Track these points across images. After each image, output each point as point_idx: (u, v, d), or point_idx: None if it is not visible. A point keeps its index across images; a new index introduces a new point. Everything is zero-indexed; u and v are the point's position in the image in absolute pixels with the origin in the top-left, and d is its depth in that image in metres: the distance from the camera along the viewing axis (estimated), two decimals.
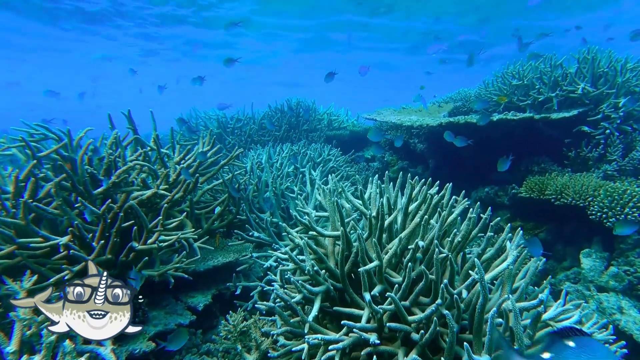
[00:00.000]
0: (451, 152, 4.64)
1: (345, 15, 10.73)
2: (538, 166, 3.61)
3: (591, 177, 3.06)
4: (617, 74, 3.46)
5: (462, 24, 10.68)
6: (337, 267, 1.77)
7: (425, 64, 14.46)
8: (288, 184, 3.06)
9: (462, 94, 5.22)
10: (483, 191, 3.86)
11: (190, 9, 10.10)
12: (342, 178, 3.62)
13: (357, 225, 1.97)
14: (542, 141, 3.95)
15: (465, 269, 1.59)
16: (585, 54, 3.75)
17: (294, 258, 1.63)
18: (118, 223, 1.70)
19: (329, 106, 6.29)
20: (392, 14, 10.38)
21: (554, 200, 3.00)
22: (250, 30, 12.15)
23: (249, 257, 2.57)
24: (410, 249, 1.57)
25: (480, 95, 4.67)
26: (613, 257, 2.73)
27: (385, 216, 1.69)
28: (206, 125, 5.42)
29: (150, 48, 14.05)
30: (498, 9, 9.80)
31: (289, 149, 3.94)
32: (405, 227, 1.82)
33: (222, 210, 2.75)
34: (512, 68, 4.33)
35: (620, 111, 3.31)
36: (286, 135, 5.31)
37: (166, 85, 5.10)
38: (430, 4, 9.39)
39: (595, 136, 3.44)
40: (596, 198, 2.75)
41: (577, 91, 3.60)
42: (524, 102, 4.03)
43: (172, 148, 2.56)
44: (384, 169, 5.39)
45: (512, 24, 10.29)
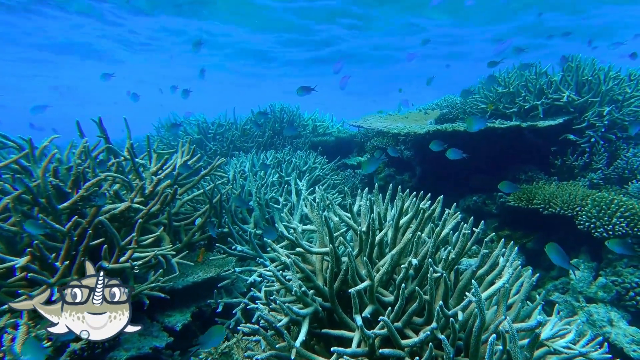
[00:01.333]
0: (438, 160, 4.64)
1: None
2: (525, 174, 3.62)
3: (578, 186, 3.07)
4: (601, 82, 3.50)
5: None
6: (325, 285, 1.69)
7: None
8: (273, 194, 2.96)
9: (448, 100, 5.24)
10: (471, 199, 3.85)
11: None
12: (329, 187, 3.54)
13: (346, 238, 1.90)
14: (528, 149, 3.97)
15: (460, 287, 1.53)
16: (570, 62, 3.80)
17: (281, 278, 1.54)
18: (86, 241, 1.57)
19: (313, 112, 6.22)
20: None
21: (542, 209, 3.00)
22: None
23: (231, 271, 2.46)
24: (403, 267, 1.49)
25: (466, 103, 4.69)
26: (601, 267, 2.74)
27: (376, 231, 1.62)
28: (186, 130, 5.27)
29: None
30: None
31: (273, 156, 3.84)
32: (396, 241, 1.75)
33: (203, 222, 2.64)
34: (498, 75, 4.36)
35: (604, 119, 3.35)
36: (270, 141, 5.21)
37: (190, 88, 4.93)
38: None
39: (580, 144, 3.47)
40: (584, 208, 2.75)
41: (562, 99, 3.63)
42: (510, 109, 4.05)
43: (148, 157, 2.43)
44: (370, 176, 5.36)
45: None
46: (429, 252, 1.51)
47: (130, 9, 9.31)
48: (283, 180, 3.48)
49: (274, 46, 12.96)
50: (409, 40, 11.74)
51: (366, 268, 1.49)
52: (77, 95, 24.13)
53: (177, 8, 9.30)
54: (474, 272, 1.54)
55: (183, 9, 9.36)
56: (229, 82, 19.43)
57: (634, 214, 2.55)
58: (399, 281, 1.47)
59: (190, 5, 9.08)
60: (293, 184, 2.85)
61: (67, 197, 1.73)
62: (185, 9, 9.43)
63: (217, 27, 10.85)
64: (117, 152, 2.13)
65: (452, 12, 9.64)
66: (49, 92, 19.33)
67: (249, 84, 20.07)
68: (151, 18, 10.14)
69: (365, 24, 10.52)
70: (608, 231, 2.56)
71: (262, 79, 18.71)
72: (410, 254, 1.79)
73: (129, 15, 9.85)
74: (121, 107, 15.65)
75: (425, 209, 1.70)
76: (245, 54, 13.86)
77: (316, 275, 1.75)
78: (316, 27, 10.84)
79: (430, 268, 1.39)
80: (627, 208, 2.57)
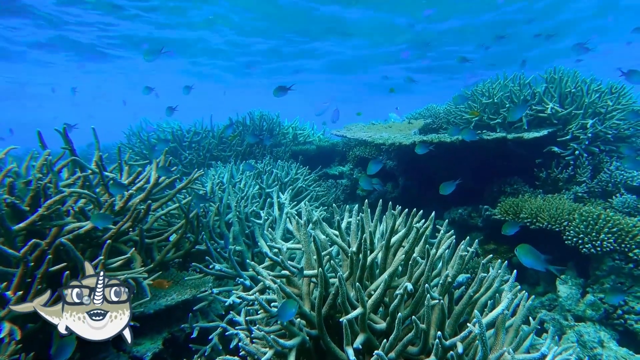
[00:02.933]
0: (422, 170, 4.64)
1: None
2: (511, 187, 3.64)
3: (564, 200, 3.10)
4: (584, 94, 3.58)
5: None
6: (312, 310, 1.60)
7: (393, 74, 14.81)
8: (254, 208, 2.85)
9: (432, 110, 5.27)
10: (456, 212, 3.84)
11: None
12: (311, 199, 3.46)
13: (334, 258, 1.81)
14: (512, 160, 4.01)
15: (456, 312, 1.47)
16: (553, 73, 3.87)
17: (265, 306, 1.44)
18: (44, 266, 1.42)
19: (294, 119, 6.15)
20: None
21: (529, 224, 3.00)
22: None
23: (208, 292, 2.33)
24: (397, 292, 1.42)
25: (450, 113, 4.72)
26: (588, 284, 2.75)
27: (367, 253, 1.54)
28: (159, 138, 5.08)
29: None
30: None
31: (253, 166, 3.73)
32: (386, 261, 1.68)
33: (179, 238, 2.50)
34: (482, 86, 4.41)
35: (588, 132, 3.41)
36: (249, 150, 5.08)
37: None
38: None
39: (565, 157, 3.52)
40: (571, 223, 2.77)
41: (546, 111, 3.69)
42: (494, 120, 4.09)
43: (119, 169, 2.29)
44: (353, 187, 5.31)
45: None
46: (424, 276, 1.44)
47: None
48: (264, 192, 3.37)
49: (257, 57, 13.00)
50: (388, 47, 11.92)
51: (358, 294, 1.41)
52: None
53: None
54: (471, 296, 1.48)
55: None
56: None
57: (620, 230, 2.58)
58: (393, 309, 1.40)
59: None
60: (275, 198, 2.75)
61: (24, 217, 1.58)
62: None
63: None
64: (83, 165, 1.98)
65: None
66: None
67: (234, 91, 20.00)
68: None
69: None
70: (596, 247, 2.57)
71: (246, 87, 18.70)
72: (401, 274, 1.72)
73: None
74: (130, 107, 15.10)
75: (419, 228, 1.64)
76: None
77: (302, 299, 1.66)
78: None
79: (427, 294, 1.32)
80: (615, 223, 2.59)
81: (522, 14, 9.28)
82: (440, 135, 3.54)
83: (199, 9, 8.92)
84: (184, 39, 11.06)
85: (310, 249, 1.74)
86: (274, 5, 8.53)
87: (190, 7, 8.75)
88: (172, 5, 8.56)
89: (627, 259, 2.56)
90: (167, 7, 8.67)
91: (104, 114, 31.83)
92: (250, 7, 8.76)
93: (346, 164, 5.82)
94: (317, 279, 1.50)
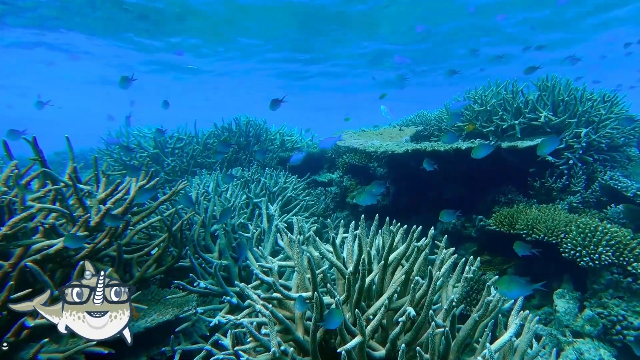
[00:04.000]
0: (413, 179, 4.58)
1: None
2: (505, 197, 3.61)
3: (560, 211, 3.08)
4: (577, 102, 3.57)
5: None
6: (306, 335, 1.50)
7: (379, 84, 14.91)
8: (241, 220, 2.73)
9: (423, 117, 5.24)
10: (449, 223, 3.78)
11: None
12: (301, 209, 3.35)
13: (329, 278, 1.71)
14: (505, 169, 3.98)
15: (460, 339, 1.39)
16: (545, 81, 3.87)
17: (257, 335, 1.34)
18: (5, 293, 1.29)
19: (282, 125, 6.05)
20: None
21: (525, 235, 2.96)
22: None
23: (191, 312, 2.20)
24: (398, 319, 1.33)
25: (442, 120, 4.69)
26: (585, 298, 2.71)
27: (366, 274, 1.45)
28: (140, 144, 4.91)
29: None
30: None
31: (239, 174, 3.61)
32: (384, 281, 1.59)
33: (161, 253, 2.37)
34: (474, 92, 4.39)
35: (582, 141, 3.40)
36: (235, 157, 4.96)
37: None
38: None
39: (559, 166, 3.50)
40: (568, 235, 2.73)
41: (539, 119, 3.67)
42: (487, 128, 4.07)
43: (95, 181, 2.15)
44: (343, 194, 5.22)
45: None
46: (427, 299, 1.36)
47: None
48: (251, 202, 3.26)
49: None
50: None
51: (356, 320, 1.31)
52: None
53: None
54: (476, 321, 1.40)
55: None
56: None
57: (618, 242, 2.55)
58: (394, 337, 1.31)
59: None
60: (264, 209, 2.64)
61: None
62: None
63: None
64: (55, 178, 1.84)
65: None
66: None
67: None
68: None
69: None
70: (594, 260, 2.54)
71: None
72: (400, 294, 1.64)
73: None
74: (138, 106, 14.79)
75: (420, 248, 1.56)
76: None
77: (295, 323, 1.56)
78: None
79: (432, 322, 1.24)
80: (612, 236, 2.57)
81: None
82: (433, 144, 3.49)
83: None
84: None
85: (303, 269, 1.64)
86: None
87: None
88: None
89: (625, 273, 2.53)
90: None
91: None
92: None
93: (335, 170, 5.74)
94: (312, 303, 1.40)
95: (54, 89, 18.44)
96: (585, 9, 8.83)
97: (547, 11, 8.99)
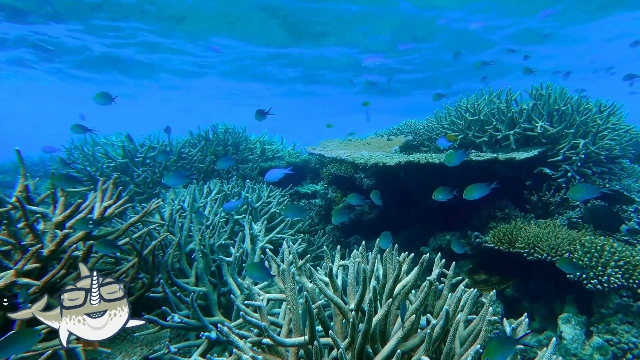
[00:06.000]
0: (402, 190, 4.46)
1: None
2: (501, 211, 3.52)
3: (562, 228, 3.00)
4: (574, 112, 3.53)
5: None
6: None
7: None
8: (222, 241, 2.52)
9: (411, 126, 5.14)
10: (443, 238, 3.67)
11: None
12: (286, 225, 3.16)
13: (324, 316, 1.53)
14: (501, 182, 3.91)
15: None
16: (540, 90, 3.82)
17: None
18: None
19: (262, 133, 5.85)
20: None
21: (526, 255, 2.86)
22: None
23: (163, 352, 1.97)
24: None
25: (432, 129, 4.60)
26: (592, 323, 2.62)
27: (372, 316, 1.28)
28: (107, 153, 4.60)
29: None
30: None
31: (217, 188, 3.39)
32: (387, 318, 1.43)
33: (129, 281, 2.13)
34: (466, 101, 4.32)
35: (581, 153, 3.35)
36: (212, 167, 4.72)
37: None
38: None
39: (556, 179, 3.44)
40: (573, 254, 2.64)
41: (536, 129, 3.62)
42: (480, 138, 3.99)
43: (52, 199, 1.90)
44: (328, 207, 5.05)
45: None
46: (446, 349, 1.19)
47: None
48: (231, 219, 3.05)
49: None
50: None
51: None
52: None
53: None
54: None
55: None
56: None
57: (627, 263, 2.47)
58: None
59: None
60: (247, 229, 2.44)
61: None
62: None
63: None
64: (1, 199, 1.59)
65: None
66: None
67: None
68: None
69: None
70: (603, 283, 2.45)
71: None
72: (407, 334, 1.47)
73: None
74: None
75: (432, 282, 1.40)
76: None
77: None
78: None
79: None
80: (621, 256, 2.49)
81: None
82: (427, 156, 3.38)
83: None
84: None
85: (297, 307, 1.46)
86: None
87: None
88: None
89: (635, 296, 2.45)
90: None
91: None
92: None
93: (319, 181, 5.57)
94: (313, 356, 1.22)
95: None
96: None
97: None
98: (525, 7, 8.26)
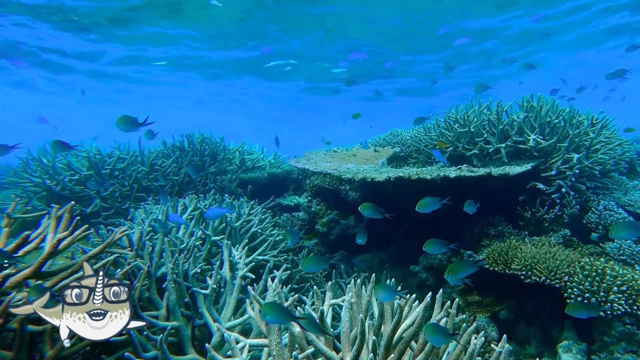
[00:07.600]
0: (390, 204, 4.32)
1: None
2: (494, 228, 3.42)
3: (559, 248, 2.90)
4: (567, 125, 3.47)
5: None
6: None
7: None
8: (197, 269, 2.31)
9: (398, 136, 5.03)
10: (434, 257, 3.54)
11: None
12: (268, 246, 2.97)
13: None
14: (493, 197, 3.82)
15: None
16: (531, 101, 3.76)
17: None
18: None
19: (241, 142, 5.63)
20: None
21: (523, 277, 2.75)
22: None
23: None
24: None
25: (420, 140, 4.49)
26: (593, 351, 2.51)
27: None
28: (69, 165, 4.28)
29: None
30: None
31: (194, 205, 3.17)
32: None
33: None
34: (455, 112, 4.23)
35: (575, 167, 3.28)
36: (187, 179, 4.48)
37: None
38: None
39: (550, 194, 3.36)
40: (573, 278, 2.54)
41: (528, 142, 3.54)
42: (470, 150, 3.90)
43: None
44: (311, 221, 4.89)
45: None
46: None
47: None
48: (208, 240, 2.84)
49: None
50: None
51: None
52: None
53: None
54: None
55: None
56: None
57: (630, 287, 2.38)
58: None
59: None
60: (226, 255, 2.24)
61: None
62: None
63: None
64: None
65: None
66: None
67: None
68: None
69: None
70: (605, 311, 2.34)
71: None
72: None
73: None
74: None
75: None
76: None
77: None
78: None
79: None
80: (623, 281, 2.39)
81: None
82: (418, 171, 3.25)
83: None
84: None
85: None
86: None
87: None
88: None
89: (639, 324, 2.36)
90: None
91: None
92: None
93: (302, 193, 5.40)
94: None
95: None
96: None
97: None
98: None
